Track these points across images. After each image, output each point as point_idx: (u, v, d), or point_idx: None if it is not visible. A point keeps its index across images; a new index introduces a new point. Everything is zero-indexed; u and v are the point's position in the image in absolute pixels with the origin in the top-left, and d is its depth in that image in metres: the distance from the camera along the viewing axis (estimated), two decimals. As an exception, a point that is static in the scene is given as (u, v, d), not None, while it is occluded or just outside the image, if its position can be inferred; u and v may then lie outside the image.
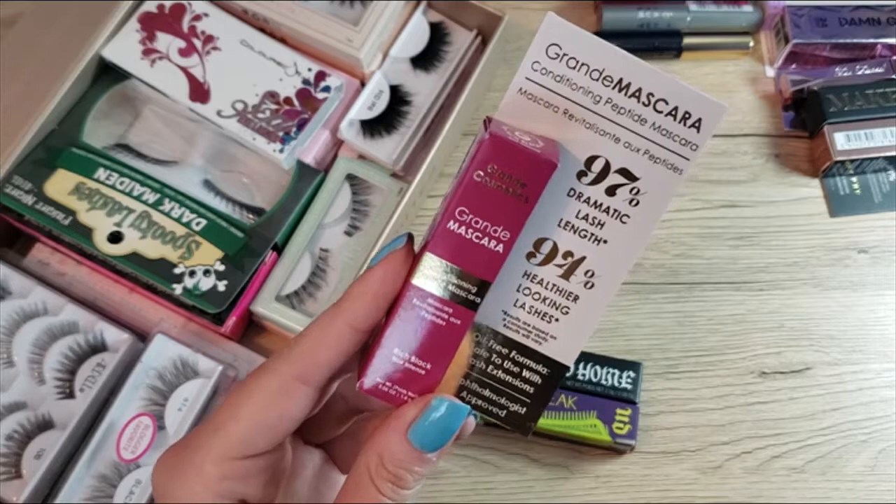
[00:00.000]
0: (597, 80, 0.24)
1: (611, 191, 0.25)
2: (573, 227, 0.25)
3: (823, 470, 0.49)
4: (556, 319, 0.26)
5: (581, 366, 0.48)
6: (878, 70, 0.57)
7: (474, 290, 0.24)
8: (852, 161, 0.55)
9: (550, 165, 0.23)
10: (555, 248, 0.25)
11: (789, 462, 0.49)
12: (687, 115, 0.24)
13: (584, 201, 0.25)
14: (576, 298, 0.26)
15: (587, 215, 0.25)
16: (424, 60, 0.54)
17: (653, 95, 0.24)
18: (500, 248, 0.24)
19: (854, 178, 0.57)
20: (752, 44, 0.59)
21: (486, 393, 0.26)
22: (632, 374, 0.48)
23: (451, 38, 0.55)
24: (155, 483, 0.25)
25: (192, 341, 0.47)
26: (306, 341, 0.25)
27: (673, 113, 0.24)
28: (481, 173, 0.23)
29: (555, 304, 0.26)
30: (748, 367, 0.52)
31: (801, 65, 0.59)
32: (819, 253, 0.55)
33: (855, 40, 0.58)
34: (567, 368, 0.26)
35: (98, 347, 0.46)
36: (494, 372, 0.26)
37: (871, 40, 0.58)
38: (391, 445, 0.24)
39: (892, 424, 0.50)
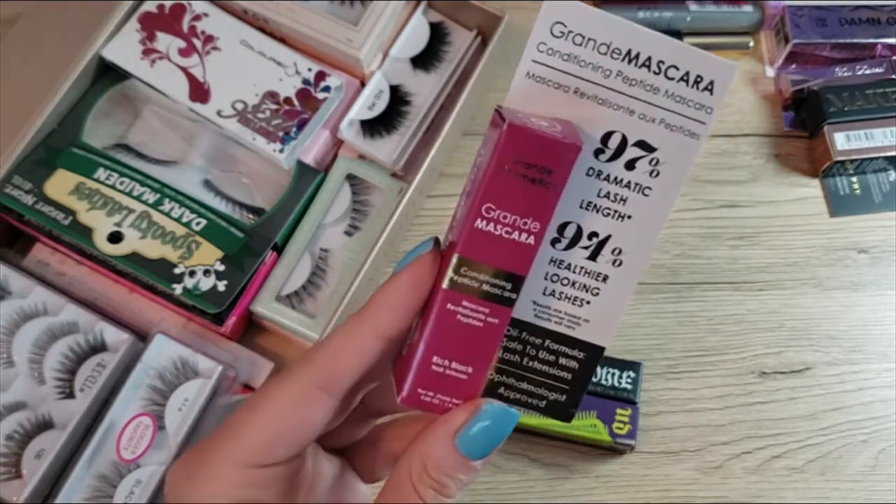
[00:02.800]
0: (605, 53, 0.24)
1: (630, 165, 0.24)
2: (596, 206, 0.25)
3: (823, 470, 0.49)
4: (588, 302, 0.25)
5: (581, 366, 0.48)
6: (878, 70, 0.57)
7: (509, 286, 0.24)
8: (852, 161, 0.55)
9: (575, 149, 0.23)
10: (579, 231, 0.25)
11: (789, 462, 0.49)
12: (699, 79, 0.24)
13: (605, 179, 0.24)
14: (605, 278, 0.25)
15: (609, 193, 0.25)
16: (424, 60, 0.54)
17: (663, 63, 0.24)
18: (532, 239, 0.23)
19: (854, 178, 0.57)
20: (752, 44, 0.59)
21: (524, 386, 0.26)
22: (632, 374, 0.48)
23: (451, 38, 0.55)
24: (169, 486, 0.25)
25: (192, 341, 0.47)
26: (329, 349, 0.24)
27: (685, 78, 0.24)
28: (505, 166, 0.22)
29: (585, 286, 0.25)
30: (748, 367, 0.52)
31: (801, 65, 0.59)
32: (819, 253, 0.55)
33: (855, 40, 0.58)
34: (603, 350, 0.26)
35: (98, 347, 0.46)
36: (530, 364, 0.26)
37: (871, 40, 0.58)
38: (437, 451, 0.23)
39: (892, 424, 0.50)
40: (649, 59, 0.24)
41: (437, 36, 0.55)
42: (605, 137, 0.24)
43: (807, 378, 0.52)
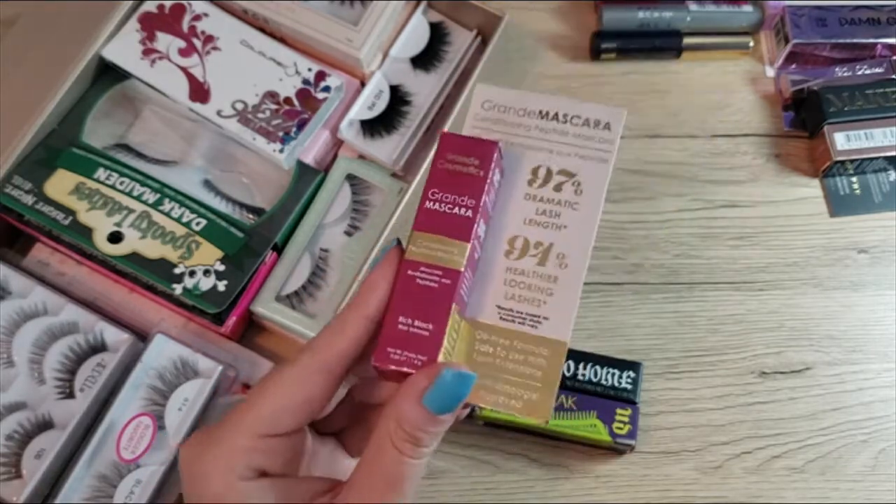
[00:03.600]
0: (523, 115, 0.31)
1: (558, 187, 0.31)
2: (536, 222, 0.30)
3: (823, 470, 0.49)
4: (544, 302, 0.30)
5: (581, 366, 0.48)
6: (878, 70, 0.57)
7: (456, 251, 0.29)
8: (852, 161, 0.55)
9: (493, 144, 0.30)
10: (526, 242, 0.30)
11: (789, 462, 0.49)
12: (598, 122, 0.31)
13: (539, 200, 0.31)
14: (555, 279, 0.30)
15: (545, 210, 0.31)
16: (424, 60, 0.54)
17: (567, 115, 0.31)
18: (469, 213, 0.29)
19: (854, 178, 0.57)
20: (752, 44, 0.59)
21: (500, 387, 0.29)
22: (632, 374, 0.48)
23: (451, 38, 0.55)
24: (183, 460, 0.28)
25: (192, 341, 0.47)
26: (326, 334, 0.29)
27: (587, 123, 0.31)
28: (442, 161, 0.30)
29: (539, 288, 0.30)
30: (748, 367, 0.52)
31: (801, 65, 0.59)
32: (819, 253, 0.55)
33: (855, 40, 0.58)
34: (565, 345, 0.29)
35: (98, 347, 0.46)
36: (502, 364, 0.29)
37: (871, 40, 0.58)
38: (407, 411, 0.26)
39: (892, 424, 0.50)
40: (556, 114, 0.31)
41: (437, 36, 0.55)
42: (535, 170, 0.31)
43: (807, 378, 0.52)
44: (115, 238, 0.47)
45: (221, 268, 0.47)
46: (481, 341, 0.29)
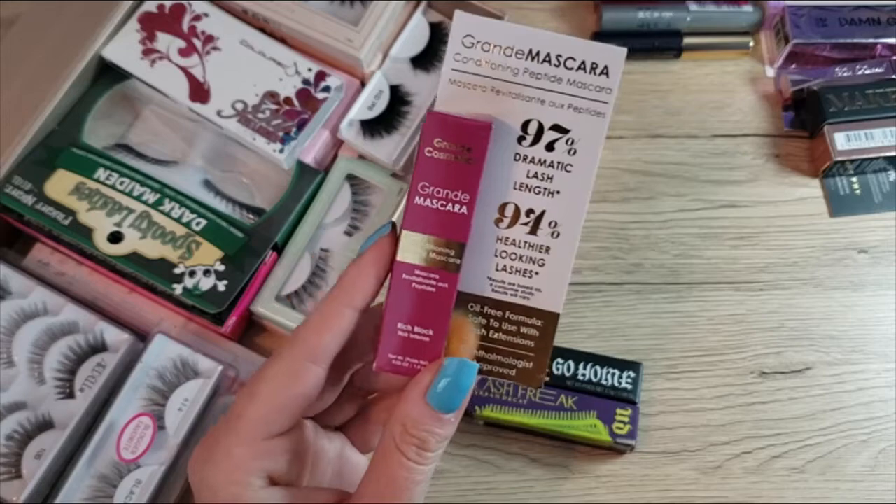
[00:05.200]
0: (510, 55, 0.27)
1: (549, 146, 0.28)
2: (527, 186, 0.28)
3: (823, 470, 0.49)
4: (536, 273, 0.29)
5: (581, 366, 0.48)
6: (878, 70, 0.57)
7: (452, 252, 0.27)
8: (852, 161, 0.55)
9: (487, 126, 0.27)
10: (517, 210, 0.28)
11: (789, 462, 0.49)
12: (595, 66, 0.28)
13: (530, 161, 0.28)
14: (547, 249, 0.29)
15: (536, 173, 0.28)
16: (424, 60, 0.54)
17: (560, 56, 0.27)
18: (464, 209, 0.27)
19: (854, 178, 0.57)
20: (752, 44, 0.59)
21: (494, 357, 0.29)
22: (632, 374, 0.48)
23: (451, 38, 0.55)
24: (191, 473, 0.28)
25: (192, 341, 0.47)
26: (309, 326, 0.28)
27: (583, 66, 0.28)
28: (430, 148, 0.27)
29: (531, 259, 0.29)
30: (748, 367, 0.52)
31: (801, 65, 0.59)
32: (819, 253, 0.55)
33: (855, 40, 0.58)
34: (557, 315, 0.29)
35: (98, 347, 0.46)
36: (495, 335, 0.29)
37: (871, 40, 0.58)
38: (412, 411, 0.26)
39: (892, 424, 0.50)
40: (549, 55, 0.27)
41: (437, 36, 0.55)
42: (525, 126, 0.28)
43: (807, 378, 0.52)
44: (116, 238, 0.47)
45: (221, 268, 0.47)
46: (474, 313, 0.28)
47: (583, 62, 0.28)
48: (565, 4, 0.61)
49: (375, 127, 0.52)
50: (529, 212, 0.28)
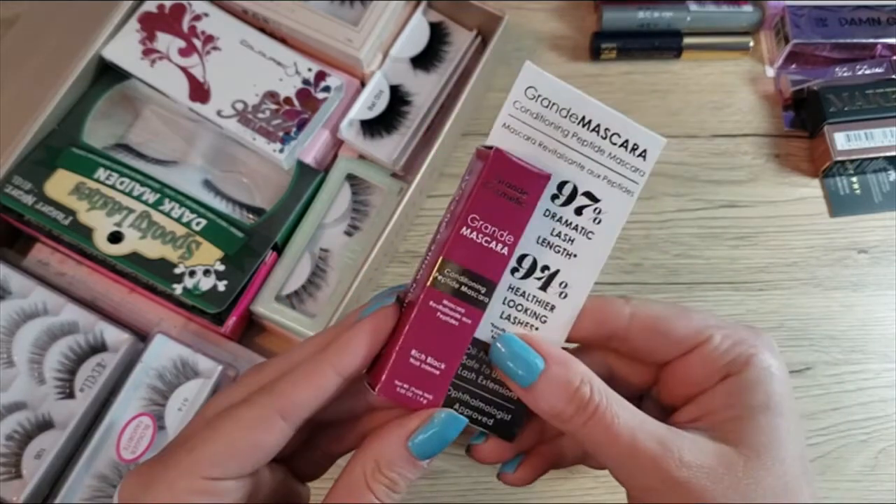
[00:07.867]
0: (565, 117, 0.28)
1: (578, 211, 0.29)
2: (549, 243, 0.29)
3: (823, 470, 0.49)
4: (536, 329, 0.29)
5: (581, 366, 0.48)
6: (878, 70, 0.57)
7: (483, 290, 0.27)
8: (852, 161, 0.55)
9: (545, 176, 0.27)
10: (534, 263, 0.29)
11: (789, 462, 0.49)
12: (636, 147, 0.29)
13: (558, 220, 0.29)
14: (552, 308, 0.29)
15: (560, 232, 0.29)
16: (424, 60, 0.54)
17: (609, 130, 0.29)
18: (506, 250, 0.27)
19: (854, 178, 0.57)
20: (752, 44, 0.59)
21: (476, 403, 0.29)
22: (632, 374, 0.48)
23: (451, 38, 0.55)
24: (123, 496, 0.26)
25: (192, 341, 0.47)
26: (291, 379, 0.26)
27: (625, 145, 0.29)
28: (490, 183, 0.27)
29: (535, 314, 0.29)
30: (748, 367, 0.52)
31: (801, 65, 0.59)
32: (819, 253, 0.55)
33: (855, 40, 0.58)
34: None
35: (98, 347, 0.46)
36: (484, 382, 0.29)
37: (871, 40, 0.58)
38: (391, 452, 0.25)
39: (892, 424, 0.50)
40: (598, 125, 0.29)
41: (437, 36, 0.55)
42: (560, 186, 0.29)
43: (807, 378, 0.52)
44: (116, 238, 0.47)
45: (221, 268, 0.47)
46: (469, 356, 0.29)
47: (626, 140, 0.29)
48: (565, 4, 0.61)
49: (375, 127, 0.52)
50: (545, 268, 0.29)
